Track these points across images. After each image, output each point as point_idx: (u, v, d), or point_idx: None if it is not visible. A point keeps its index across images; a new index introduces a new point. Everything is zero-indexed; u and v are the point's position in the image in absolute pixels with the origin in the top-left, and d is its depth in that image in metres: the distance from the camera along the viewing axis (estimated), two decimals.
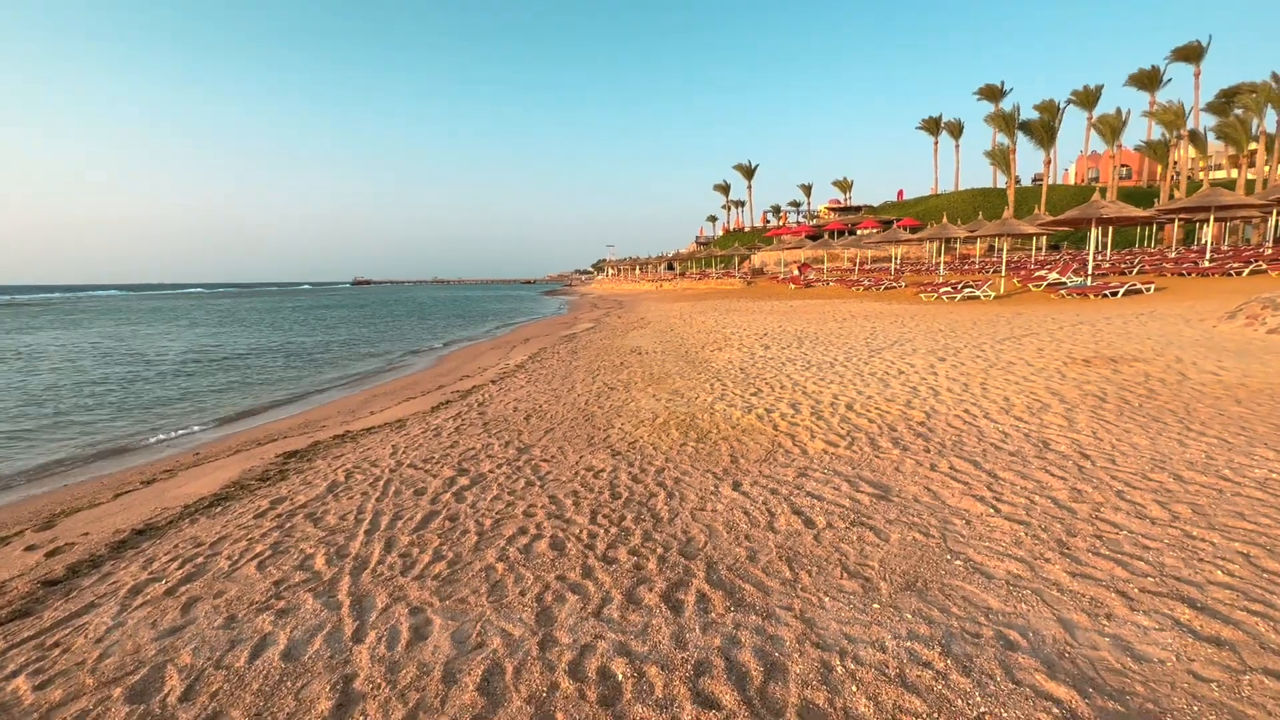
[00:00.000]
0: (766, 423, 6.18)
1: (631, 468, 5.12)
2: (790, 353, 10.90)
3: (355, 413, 9.45)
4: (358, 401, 10.69)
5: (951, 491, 4.12)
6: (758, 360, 10.26)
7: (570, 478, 4.99)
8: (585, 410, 7.45)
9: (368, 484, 5.18)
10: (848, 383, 7.88)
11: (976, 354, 9.40)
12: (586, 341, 15.86)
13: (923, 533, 3.54)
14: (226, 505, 5.00)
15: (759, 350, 11.45)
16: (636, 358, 11.73)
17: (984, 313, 16.01)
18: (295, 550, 3.88)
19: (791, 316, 18.38)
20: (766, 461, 5.03)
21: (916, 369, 8.52)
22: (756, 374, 8.98)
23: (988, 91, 61.36)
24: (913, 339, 11.67)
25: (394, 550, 3.78)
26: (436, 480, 5.13)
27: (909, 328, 13.58)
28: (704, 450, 5.45)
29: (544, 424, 6.94)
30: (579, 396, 8.37)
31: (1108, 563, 3.07)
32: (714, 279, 48.55)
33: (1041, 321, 13.06)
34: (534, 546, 3.72)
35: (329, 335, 25.64)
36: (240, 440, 8.11)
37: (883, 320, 15.58)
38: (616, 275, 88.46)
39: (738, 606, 2.91)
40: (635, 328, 18.52)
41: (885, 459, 4.88)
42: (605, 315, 27.34)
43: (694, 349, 12.33)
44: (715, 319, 19.18)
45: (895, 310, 18.52)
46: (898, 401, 6.69)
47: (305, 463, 6.20)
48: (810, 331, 14.02)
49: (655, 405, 7.36)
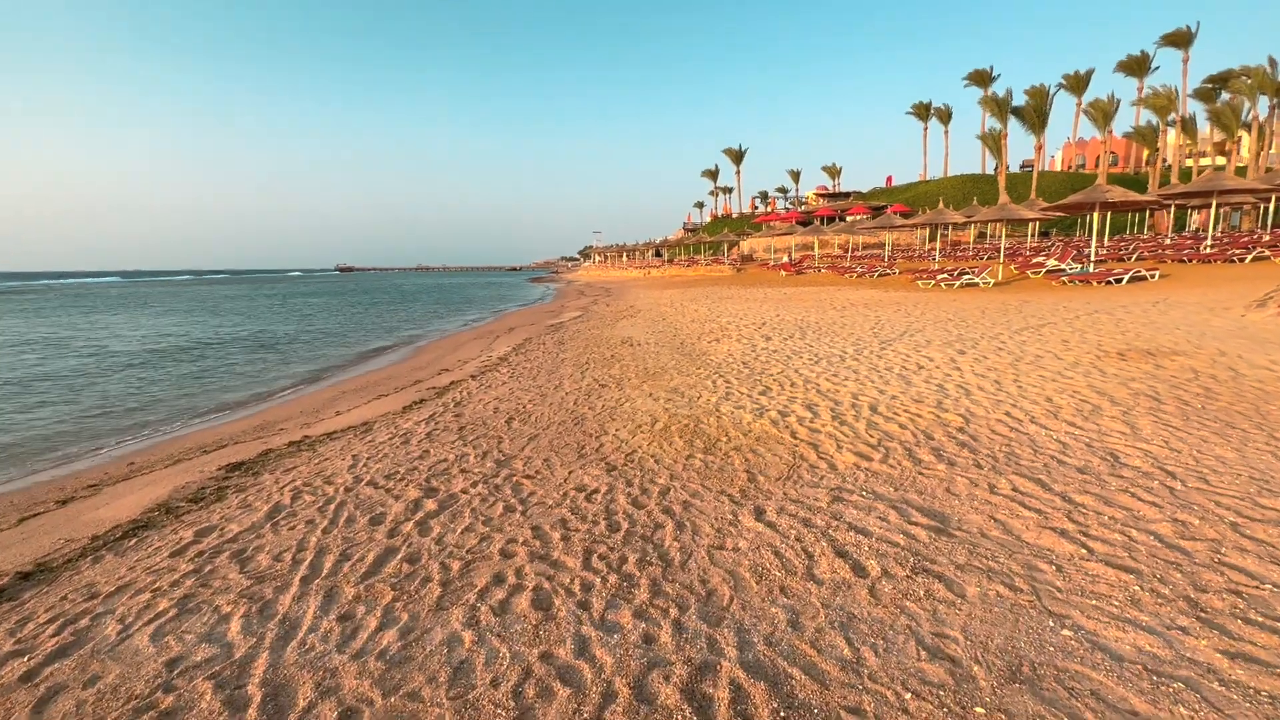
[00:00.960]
0: (783, 429, 5.41)
1: (630, 487, 4.32)
2: (794, 344, 10.14)
3: (319, 413, 8.55)
4: (324, 399, 9.77)
5: (1024, 523, 3.38)
6: (760, 353, 9.49)
7: (558, 500, 4.19)
8: (574, 412, 6.63)
9: (316, 508, 4.34)
10: (865, 379, 7.14)
11: (997, 346, 8.70)
12: (574, 331, 15.01)
13: (1006, 584, 2.80)
14: (143, 537, 4.14)
15: (760, 342, 10.68)
16: (628, 350, 10.92)
17: (988, 301, 15.38)
18: (209, 609, 3.05)
19: (787, 304, 17.64)
20: (790, 480, 4.26)
21: (936, 363, 7.80)
22: (761, 369, 8.21)
23: (977, 77, 60.74)
24: (922, 329, 10.97)
25: (334, 609, 2.97)
26: (399, 504, 4.31)
27: (915, 317, 12.89)
28: (714, 464, 4.67)
29: (528, 429, 6.12)
30: (567, 395, 7.55)
31: (1269, 636, 2.34)
32: (703, 266, 47.71)
33: (1053, 310, 12.42)
34: (512, 604, 2.93)
35: (304, 324, 24.48)
36: (184, 446, 7.20)
37: (884, 309, 14.89)
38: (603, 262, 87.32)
39: (789, 710, 2.14)
40: (625, 316, 17.68)
41: (931, 476, 4.13)
42: (593, 303, 26.45)
43: (689, 340, 11.54)
44: (708, 307, 18.39)
45: (894, 298, 17.85)
46: (927, 402, 5.95)
47: (250, 477, 5.33)
48: (811, 321, 13.28)
49: (653, 406, 6.56)
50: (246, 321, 25.93)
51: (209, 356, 15.31)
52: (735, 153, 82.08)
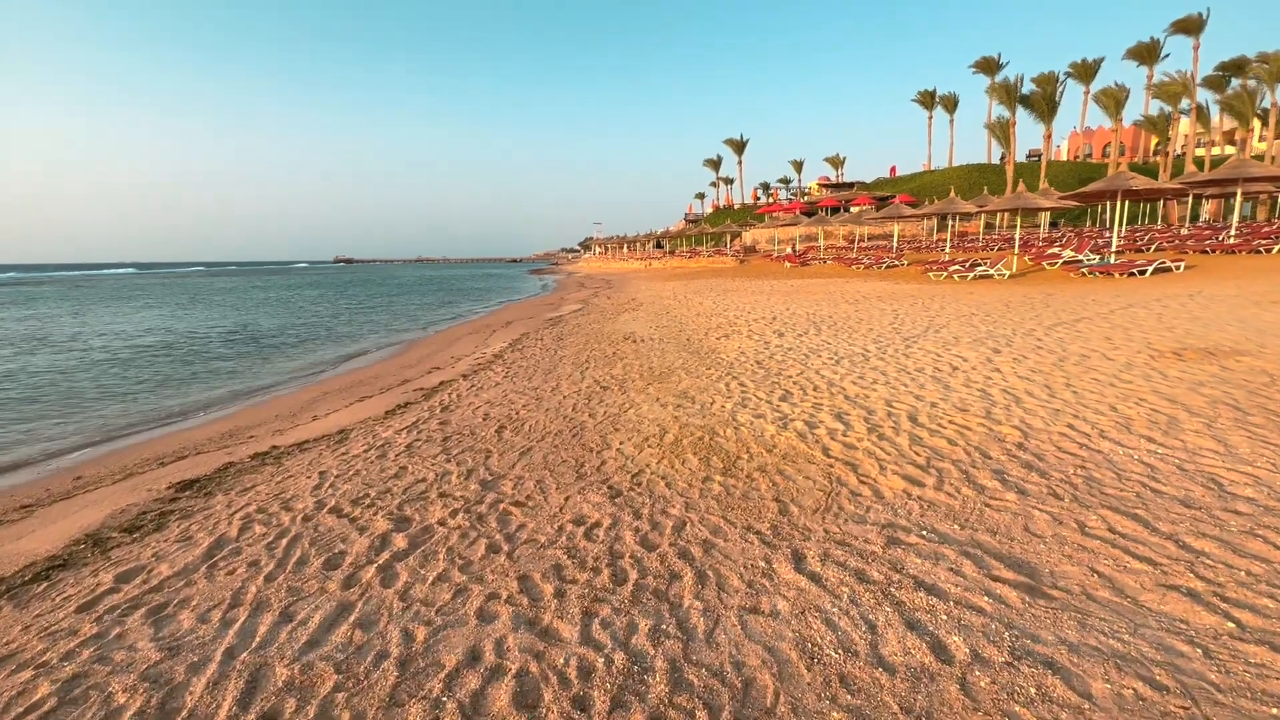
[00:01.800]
0: (812, 444, 4.71)
1: (638, 520, 3.63)
2: (810, 341, 9.42)
3: (296, 417, 7.86)
4: (305, 400, 9.07)
5: (1137, 579, 2.68)
6: (775, 351, 8.78)
7: (551, 538, 3.49)
8: (573, 419, 5.94)
9: (265, 544, 3.65)
10: (896, 382, 6.43)
11: (1034, 345, 7.99)
12: (574, 326, 14.29)
13: (1144, 678, 2.10)
14: (56, 580, 3.46)
15: (772, 338, 9.97)
16: (631, 347, 10.21)
17: (1008, 293, 14.64)
18: (97, 698, 2.36)
19: (796, 297, 16.91)
20: (830, 512, 3.57)
21: (971, 364, 7.09)
22: (778, 369, 7.50)
23: (984, 64, 59.60)
24: (946, 324, 10.25)
25: (255, 703, 2.28)
26: (362, 539, 3.62)
27: (934, 311, 12.17)
28: (736, 490, 3.97)
29: (520, 440, 5.42)
30: (565, 399, 6.85)
31: None
32: (705, 257, 46.91)
33: (1082, 304, 11.70)
34: (487, 699, 2.23)
35: (295, 318, 23.73)
36: (142, 457, 6.50)
37: (900, 302, 14.15)
38: (604, 254, 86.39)
39: None
40: (627, 310, 16.96)
41: (1001, 509, 3.43)
42: (593, 296, 25.71)
43: (696, 336, 10.82)
44: (713, 300, 17.66)
45: (907, 290, 17.10)
46: (973, 411, 5.24)
47: (200, 499, 4.65)
48: (824, 315, 12.56)
49: (661, 414, 5.86)
50: (238, 315, 25.19)
51: (192, 352, 14.60)
52: (737, 143, 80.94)
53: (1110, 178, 17.17)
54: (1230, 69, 43.24)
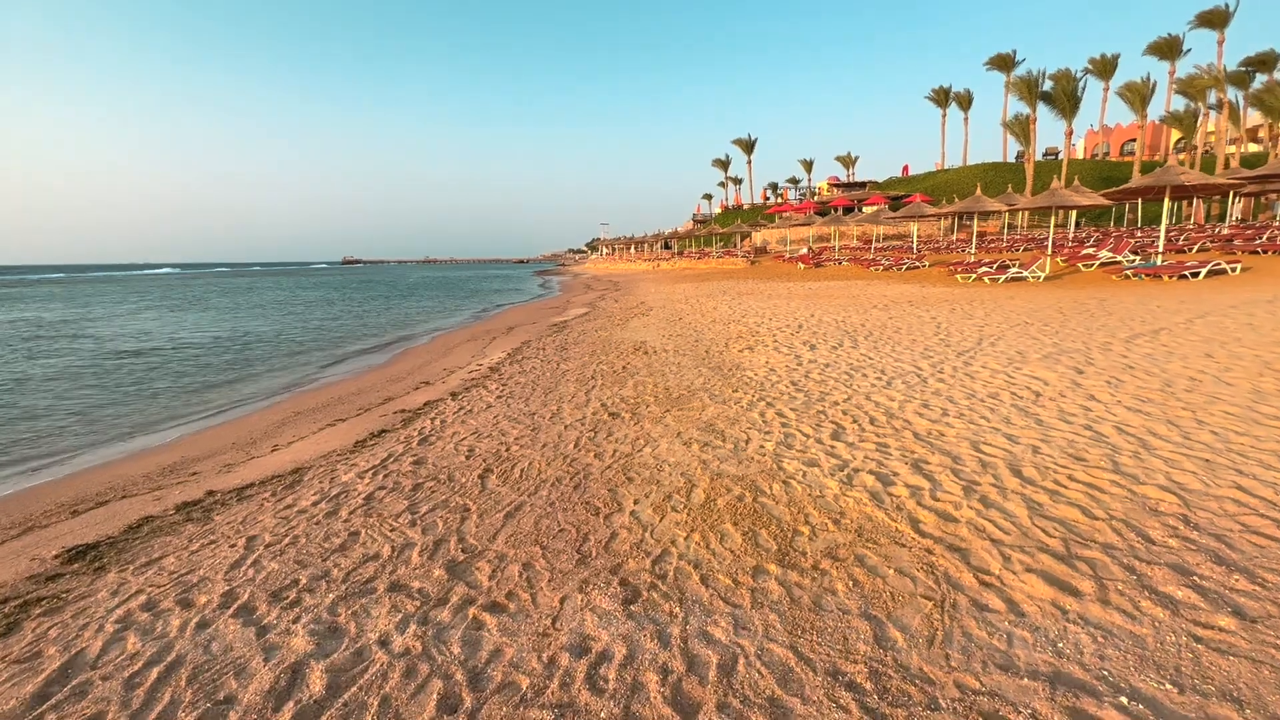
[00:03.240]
0: (894, 512, 3.53)
1: (666, 649, 2.48)
2: (848, 355, 8.24)
3: (254, 446, 6.76)
4: (272, 422, 7.98)
5: None
6: (809, 368, 7.61)
7: (541, 677, 2.34)
8: (575, 461, 4.79)
9: (125, 678, 2.52)
10: (972, 414, 5.24)
11: (1121, 363, 6.77)
12: (579, 333, 13.16)
13: None
14: None
15: (804, 351, 8.78)
16: (643, 360, 9.05)
17: (1054, 298, 13.38)
18: None
19: (818, 301, 15.70)
20: (952, 643, 2.40)
21: (1056, 388, 5.89)
22: (819, 393, 6.33)
23: (999, 61, 58.09)
24: (1001, 335, 9.03)
25: None
26: (265, 672, 2.48)
27: (980, 318, 10.94)
28: (802, 594, 2.80)
29: (508, 491, 4.28)
30: (566, 429, 5.71)
31: None
32: (715, 258, 45.69)
33: (1148, 311, 10.44)
34: None
35: (291, 321, 22.72)
36: (55, 500, 5.40)
37: (935, 307, 12.92)
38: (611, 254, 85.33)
39: None
40: (636, 315, 15.80)
41: (1225, 649, 2.25)
42: (600, 298, 24.59)
43: (716, 347, 9.65)
44: (729, 304, 16.48)
45: (939, 294, 15.86)
46: (1092, 461, 4.04)
47: (86, 578, 3.53)
48: (855, 322, 11.36)
49: (684, 456, 4.70)
50: (235, 318, 24.21)
51: (168, 359, 13.57)
52: (745, 143, 79.64)
53: (1159, 172, 15.86)
54: (1256, 64, 41.60)
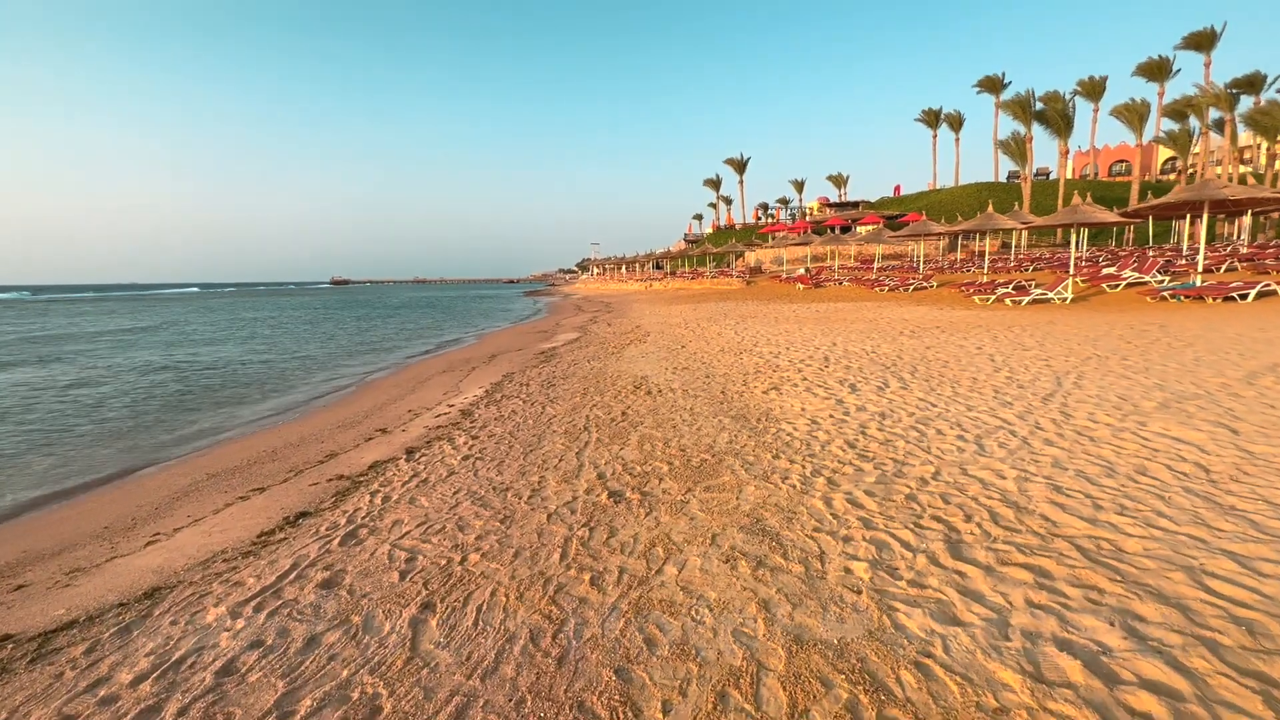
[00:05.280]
0: None
1: None
2: (903, 400, 6.66)
3: (132, 531, 5.02)
4: (174, 490, 6.23)
5: None
6: (860, 418, 6.02)
7: None
8: (561, 595, 3.13)
9: None
10: (1135, 508, 3.65)
11: (1272, 414, 5.25)
12: (569, 364, 11.53)
13: None
14: None
15: (844, 394, 7.21)
16: (646, 402, 7.44)
17: (1105, 323, 11.97)
18: None
19: (832, 326, 14.21)
20: None
21: (1226, 459, 4.32)
22: (893, 463, 4.73)
23: (988, 83, 58.25)
24: (1078, 371, 7.52)
25: None
26: None
27: (1035, 349, 9.45)
28: None
29: (447, 659, 2.61)
30: (550, 523, 4.05)
31: None
32: (709, 278, 44.40)
33: (1226, 339, 9.00)
34: None
35: (249, 349, 20.81)
36: None
37: (972, 334, 11.45)
38: (601, 274, 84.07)
39: None
40: (633, 342, 14.21)
41: None
42: (591, 321, 23.00)
43: (733, 386, 8.06)
44: (734, 330, 14.94)
45: (965, 319, 14.43)
46: None
47: None
48: (888, 354, 9.83)
49: (731, 591, 3.05)
50: (191, 341, 22.26)
51: (107, 396, 11.73)
52: (737, 162, 79.25)
53: (1198, 185, 14.66)
54: (1243, 85, 41.42)
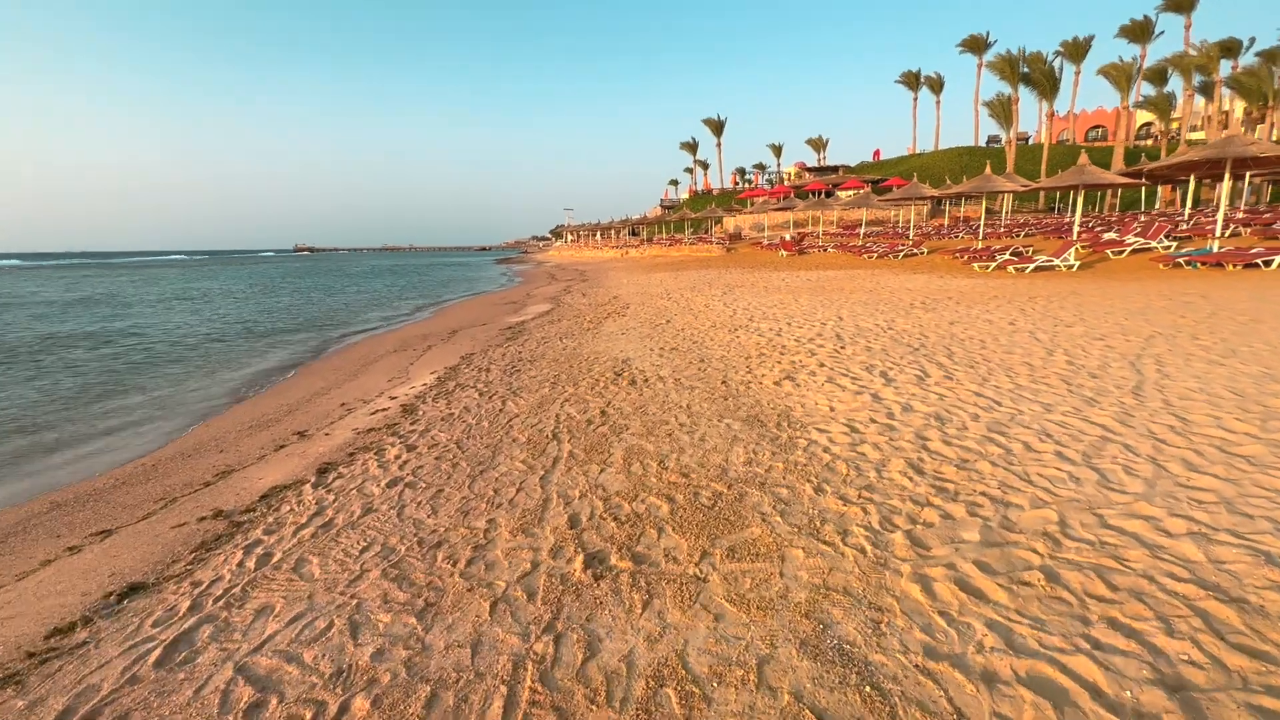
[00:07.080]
0: None
1: None
2: (956, 396, 5.33)
3: None
4: None
5: None
6: (912, 423, 4.66)
7: None
8: None
9: None
10: None
11: None
12: (538, 342, 9.98)
13: None
14: None
15: (876, 383, 5.84)
16: (632, 396, 5.99)
17: (1136, 292, 10.84)
18: None
19: (829, 296, 12.85)
20: None
21: None
22: (986, 499, 3.38)
23: (972, 43, 56.62)
24: (1147, 354, 6.29)
25: None
26: None
27: (1073, 323, 8.22)
28: None
29: None
30: (496, 610, 2.60)
31: None
32: (687, 245, 42.67)
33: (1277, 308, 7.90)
34: None
35: (196, 319, 18.59)
36: None
37: (991, 306, 10.21)
38: (576, 241, 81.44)
39: None
40: (611, 315, 12.67)
41: None
42: (565, 292, 21.29)
43: (735, 373, 6.65)
44: (721, 300, 13.50)
45: (973, 288, 13.21)
46: None
47: None
48: (907, 331, 8.51)
49: None
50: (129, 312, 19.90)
51: None
52: (715, 123, 76.61)
53: (1220, 143, 13.52)
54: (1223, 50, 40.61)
